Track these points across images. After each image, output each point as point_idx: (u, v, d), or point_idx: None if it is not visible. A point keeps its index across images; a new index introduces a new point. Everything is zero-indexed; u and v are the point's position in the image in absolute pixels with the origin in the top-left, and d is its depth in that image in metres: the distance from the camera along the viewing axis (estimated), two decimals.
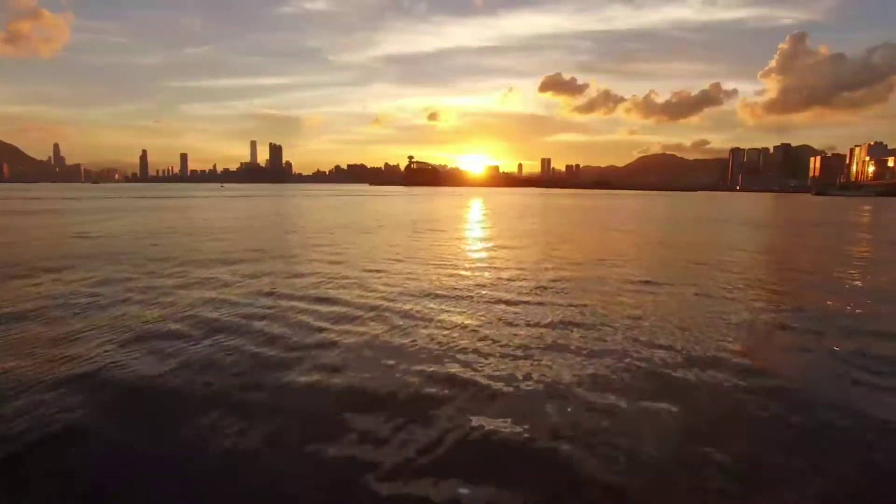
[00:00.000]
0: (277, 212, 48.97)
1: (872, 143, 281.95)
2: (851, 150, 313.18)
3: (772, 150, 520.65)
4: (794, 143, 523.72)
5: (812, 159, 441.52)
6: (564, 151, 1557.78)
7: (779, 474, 4.81)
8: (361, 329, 9.11)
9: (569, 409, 5.99)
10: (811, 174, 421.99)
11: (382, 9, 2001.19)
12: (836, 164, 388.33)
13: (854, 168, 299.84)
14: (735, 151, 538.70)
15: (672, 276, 15.14)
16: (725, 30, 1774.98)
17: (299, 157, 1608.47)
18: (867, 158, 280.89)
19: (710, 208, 72.10)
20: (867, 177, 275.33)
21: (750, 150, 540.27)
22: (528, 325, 9.49)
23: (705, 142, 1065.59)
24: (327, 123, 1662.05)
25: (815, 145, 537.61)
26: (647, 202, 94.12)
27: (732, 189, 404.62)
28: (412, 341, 8.44)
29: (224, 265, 15.91)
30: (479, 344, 8.31)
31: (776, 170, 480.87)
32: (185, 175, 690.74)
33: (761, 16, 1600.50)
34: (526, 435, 5.39)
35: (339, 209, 53.95)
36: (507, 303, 11.26)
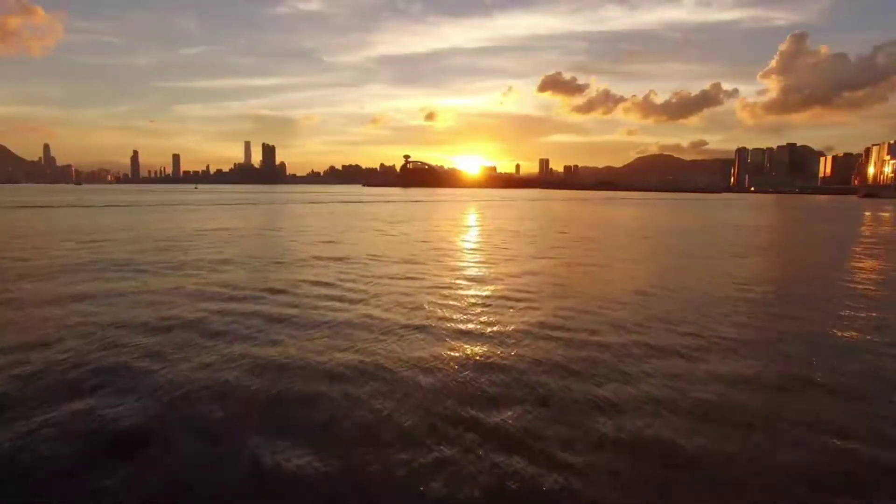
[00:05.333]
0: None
1: (892, 141, 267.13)
2: (867, 150, 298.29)
3: (776, 150, 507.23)
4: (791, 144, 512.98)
5: (822, 159, 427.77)
6: (562, 152, 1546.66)
7: None
8: None
9: None
10: (821, 174, 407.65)
11: (377, 9, 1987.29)
12: (847, 163, 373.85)
13: (871, 168, 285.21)
14: (740, 151, 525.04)
15: None
16: (720, 31, 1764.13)
17: (295, 157, 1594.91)
18: (887, 157, 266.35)
19: (783, 220, 57.07)
20: (886, 177, 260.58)
21: (754, 150, 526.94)
22: None
23: (703, 142, 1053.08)
24: (323, 124, 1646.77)
25: (814, 145, 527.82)
26: (676, 212, 78.93)
27: (744, 190, 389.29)
28: None
29: None
30: None
31: (780, 170, 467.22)
32: (178, 176, 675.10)
33: (755, 17, 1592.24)
34: None
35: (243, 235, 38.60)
36: None
